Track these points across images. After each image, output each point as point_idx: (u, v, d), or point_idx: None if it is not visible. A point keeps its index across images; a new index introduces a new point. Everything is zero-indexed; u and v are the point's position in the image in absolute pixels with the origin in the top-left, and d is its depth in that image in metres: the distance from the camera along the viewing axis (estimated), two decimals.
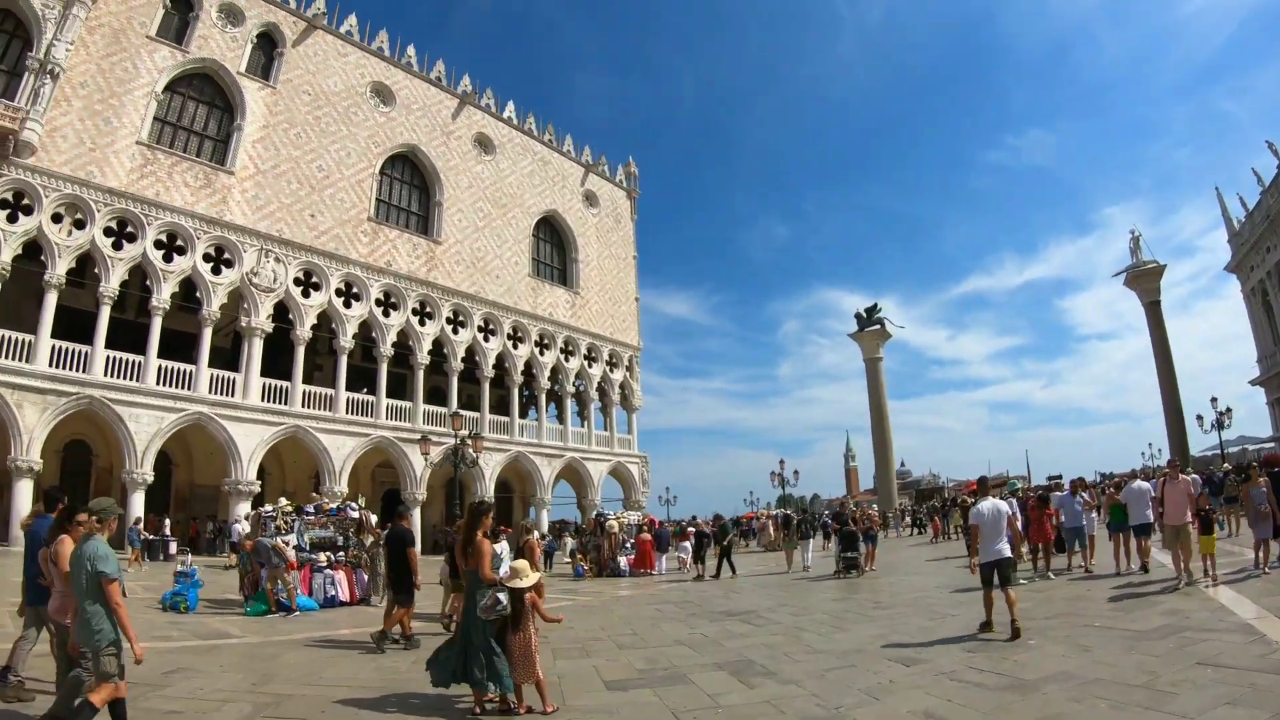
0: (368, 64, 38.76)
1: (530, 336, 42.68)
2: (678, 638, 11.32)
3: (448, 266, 39.62)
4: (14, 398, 26.72)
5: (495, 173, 43.07)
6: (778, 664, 8.83)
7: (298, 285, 34.41)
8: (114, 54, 31.23)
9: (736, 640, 10.74)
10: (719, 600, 16.68)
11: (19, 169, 28.26)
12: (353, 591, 17.10)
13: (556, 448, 43.94)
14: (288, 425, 33.06)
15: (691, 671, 8.63)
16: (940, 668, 8.05)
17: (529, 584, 7.17)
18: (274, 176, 34.43)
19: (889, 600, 14.87)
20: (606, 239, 49.21)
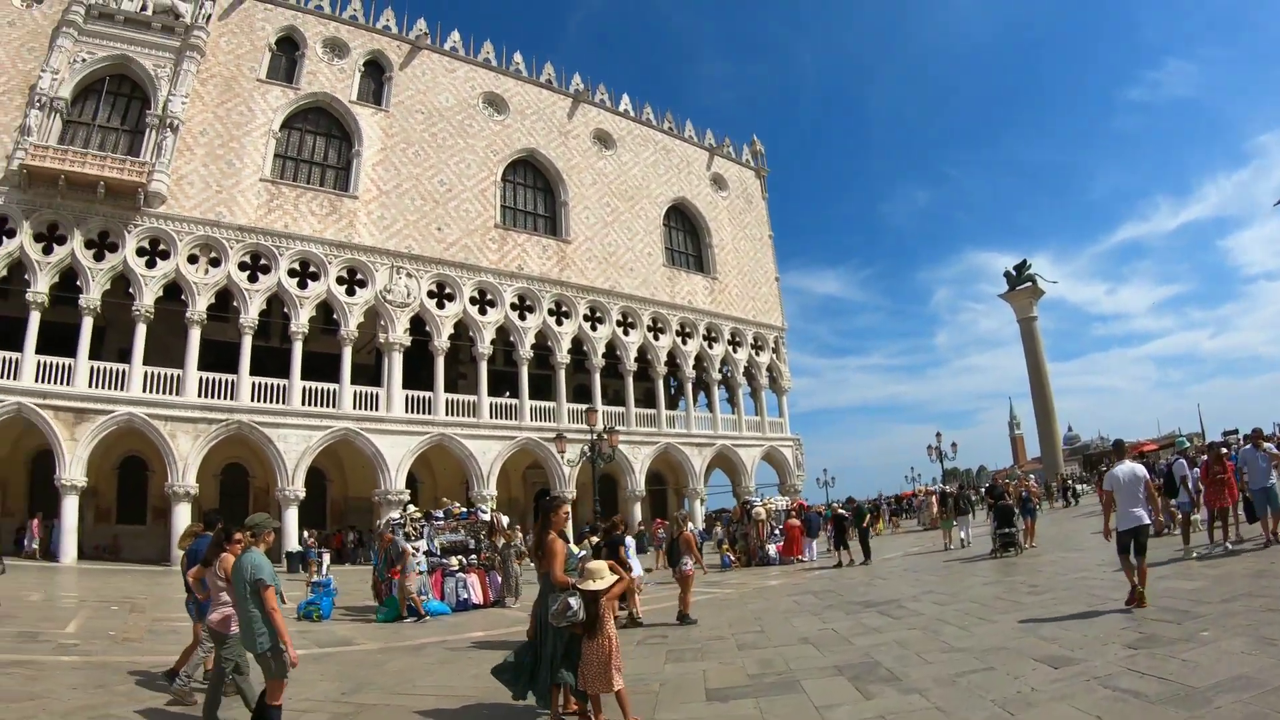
0: (476, 76, 38.74)
1: (671, 326, 40.97)
2: (805, 634, 10.45)
3: (580, 264, 38.59)
4: (167, 428, 28.14)
5: (618, 166, 41.87)
6: (905, 667, 7.79)
7: (431, 298, 34.43)
8: (228, 100, 32.67)
9: (867, 637, 9.79)
10: (861, 589, 15.58)
11: (152, 218, 29.99)
12: (486, 594, 17.14)
13: (706, 436, 41.77)
14: (433, 434, 33.06)
15: (807, 677, 7.85)
16: (1093, 670, 6.78)
17: (603, 586, 6.43)
18: (397, 196, 34.71)
19: (1045, 583, 13.18)
20: (739, 221, 46.88)
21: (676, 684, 8.11)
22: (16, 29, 30.73)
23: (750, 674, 8.29)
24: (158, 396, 28.42)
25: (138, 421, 27.96)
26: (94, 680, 9.22)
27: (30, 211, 28.63)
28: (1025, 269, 52.68)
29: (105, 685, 8.95)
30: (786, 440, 44.71)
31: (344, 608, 16.72)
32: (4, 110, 29.46)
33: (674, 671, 8.82)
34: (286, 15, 35.11)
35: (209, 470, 29.95)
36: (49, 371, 27.37)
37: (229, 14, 33.88)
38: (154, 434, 28.10)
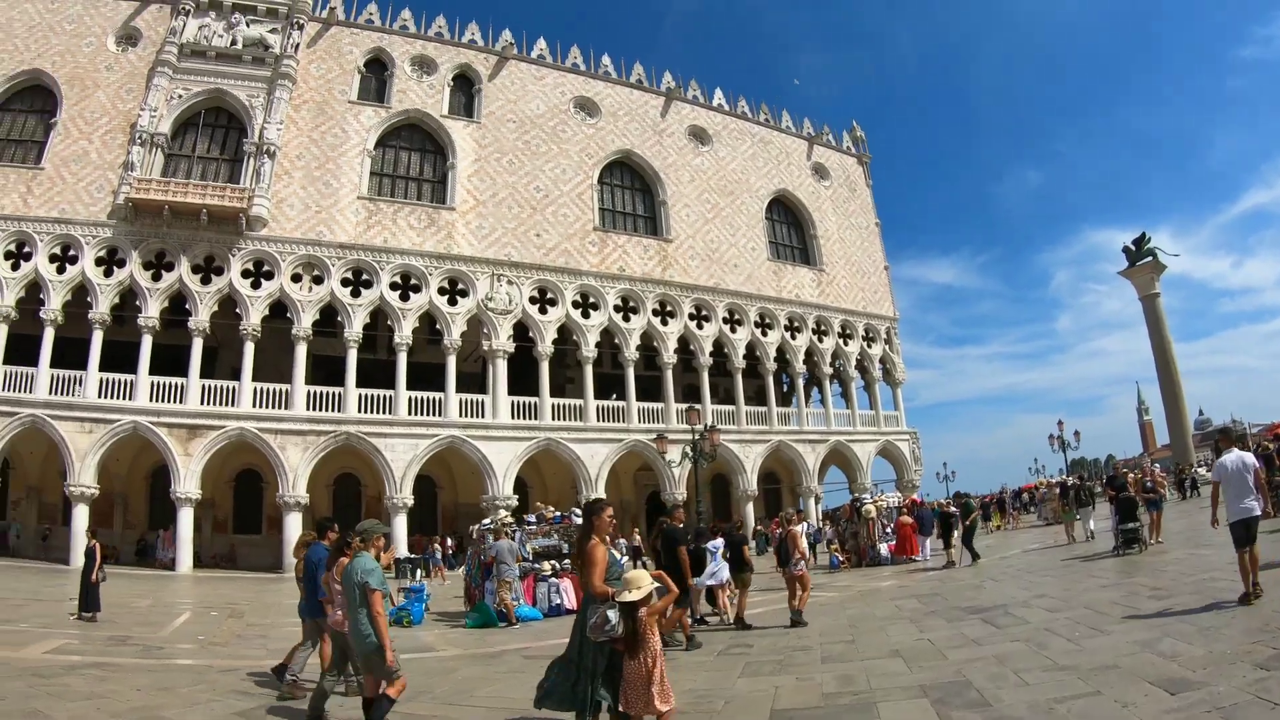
0: (565, 81, 38.18)
1: (779, 321, 39.00)
2: (897, 646, 9.56)
3: (682, 263, 37.20)
4: (277, 441, 28.66)
5: (715, 162, 40.42)
6: (999, 688, 6.82)
7: (533, 303, 33.77)
8: (322, 124, 33.20)
9: (964, 650, 8.84)
10: (969, 592, 14.55)
11: (255, 241, 30.59)
12: (579, 599, 15.07)
13: (819, 433, 39.40)
14: (539, 439, 32.34)
15: (886, 698, 6.99)
16: (1216, 697, 5.67)
17: (639, 597, 5.74)
18: (494, 205, 34.30)
19: (1169, 585, 11.78)
20: (843, 210, 44.62)
21: (743, 703, 7.46)
22: (114, 72, 32.16)
23: (826, 693, 7.51)
24: (267, 411, 29.06)
25: (249, 436, 28.57)
26: (161, 682, 9.33)
27: (139, 242, 29.61)
28: (1145, 243, 48.25)
29: (170, 688, 9.03)
30: (902, 434, 41.91)
31: (438, 613, 16.97)
32: (108, 148, 30.71)
33: (744, 688, 8.16)
34: (373, 38, 35.49)
35: (321, 480, 30.86)
36: (163, 391, 28.34)
37: (316, 41, 34.50)
38: (264, 447, 28.69)
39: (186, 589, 22.85)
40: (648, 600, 5.75)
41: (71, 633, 12.94)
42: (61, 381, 27.76)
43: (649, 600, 5.76)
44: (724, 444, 34.24)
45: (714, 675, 8.97)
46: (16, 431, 26.97)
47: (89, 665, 10.06)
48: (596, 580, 6.05)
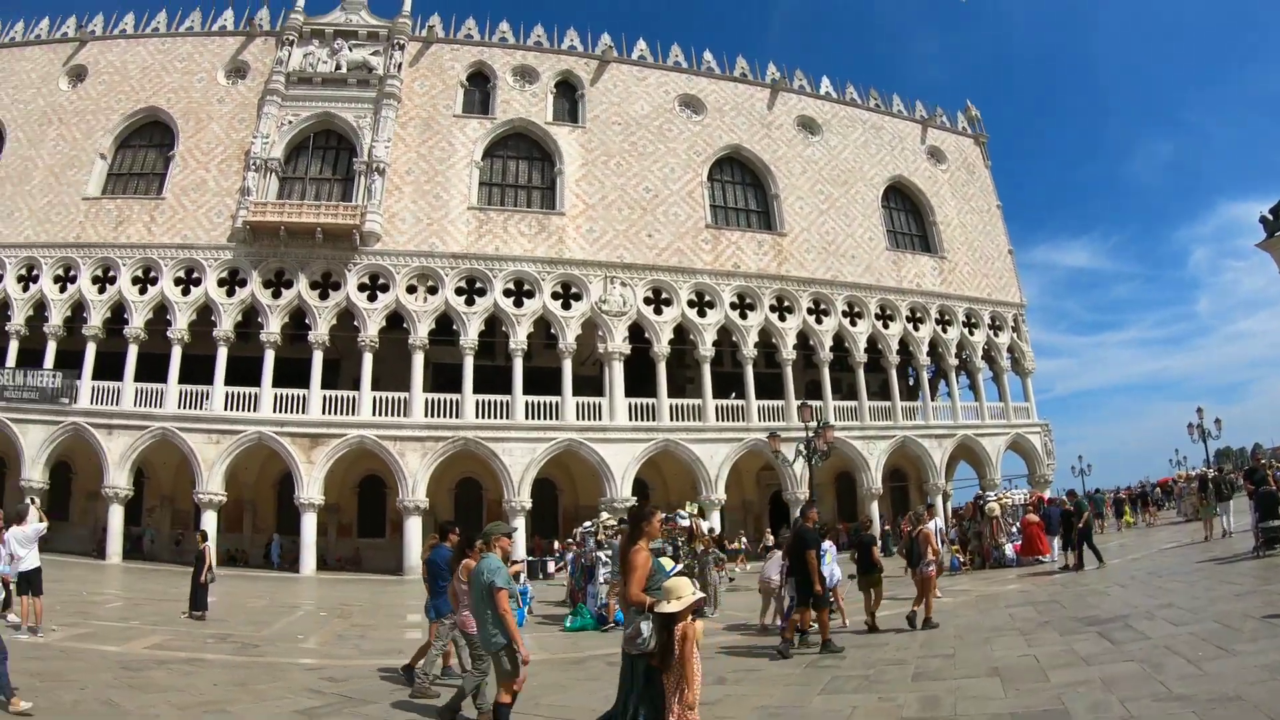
0: (668, 80, 37.58)
1: (900, 312, 37.03)
2: (999, 662, 8.86)
3: (798, 257, 35.85)
4: (396, 448, 29.16)
5: (827, 152, 39.00)
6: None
7: (648, 304, 33.07)
8: (429, 139, 33.67)
9: (1070, 670, 7.98)
10: (1092, 599, 13.52)
11: (370, 255, 31.16)
12: None
13: (946, 427, 37.22)
14: (657, 441, 31.64)
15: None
16: None
17: (680, 607, 5.27)
18: (604, 207, 33.89)
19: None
20: (962, 193, 42.37)
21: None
22: (226, 104, 33.51)
23: (904, 717, 6.98)
24: (386, 419, 29.72)
25: (369, 443, 29.23)
26: (240, 679, 9.52)
27: (258, 262, 30.58)
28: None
29: (245, 684, 9.23)
30: (1033, 426, 39.12)
31: (543, 615, 17.14)
32: (225, 176, 31.92)
33: (820, 707, 7.70)
34: (473, 52, 35.83)
35: (444, 485, 31.62)
36: (285, 402, 29.31)
37: (418, 60, 35.10)
38: (384, 454, 29.29)
39: (304, 590, 23.78)
40: (688, 613, 5.30)
41: (179, 630, 13.40)
42: (189, 396, 29.21)
43: (689, 613, 5.31)
44: (847, 441, 33.51)
45: (793, 691, 8.50)
46: (148, 444, 28.78)
47: (180, 660, 10.50)
48: (634, 588, 5.71)
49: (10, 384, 29.02)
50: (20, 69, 35.54)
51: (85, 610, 15.20)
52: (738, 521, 35.49)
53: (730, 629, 13.95)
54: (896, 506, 37.54)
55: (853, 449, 33.99)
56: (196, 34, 35.47)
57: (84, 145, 33.20)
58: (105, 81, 34.65)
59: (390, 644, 13.00)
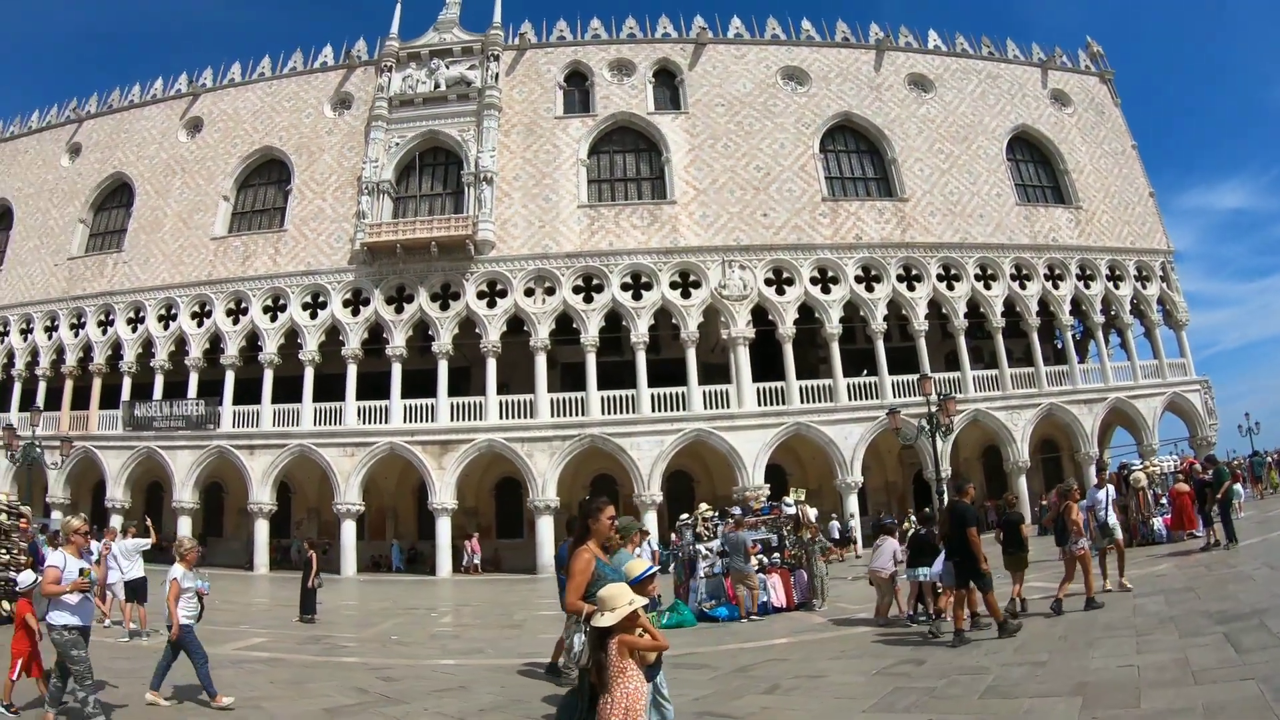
0: (768, 55, 37.11)
1: (1037, 271, 35.05)
2: (1091, 675, 7.71)
3: (923, 222, 34.65)
4: (524, 449, 30.10)
5: (942, 108, 37.64)
6: None
7: (769, 285, 32.56)
8: (533, 144, 34.42)
9: (1170, 690, 6.74)
10: (1230, 587, 11.82)
11: (485, 263, 32.17)
12: (789, 596, 15.67)
13: (1095, 391, 34.71)
14: (787, 425, 31.08)
15: None
16: None
17: (612, 621, 4.63)
18: (715, 191, 33.70)
19: None
20: (1092, 136, 39.95)
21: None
22: (335, 135, 35.32)
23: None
24: (512, 421, 30.69)
25: (497, 446, 30.28)
26: (300, 677, 10.01)
27: (379, 280, 32.01)
28: None
29: (300, 683, 9.66)
30: (1191, 384, 36.29)
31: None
32: (340, 202, 33.52)
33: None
34: (568, 53, 36.36)
35: (580, 481, 31.89)
36: (415, 412, 30.76)
37: (514, 68, 35.97)
38: (513, 455, 30.19)
39: (434, 593, 24.84)
40: (629, 625, 4.69)
41: (282, 633, 14.16)
42: (323, 413, 31.13)
43: (631, 625, 4.70)
44: (989, 413, 32.56)
45: (837, 706, 7.81)
46: (288, 461, 31.29)
47: (260, 660, 11.12)
48: (571, 595, 5.18)
49: (159, 415, 32.09)
50: (141, 128, 38.46)
51: (206, 616, 15.96)
52: (881, 504, 34.61)
53: (840, 623, 13.36)
54: (1049, 480, 35.49)
55: (995, 421, 32.59)
56: (300, 73, 37.48)
57: (207, 190, 35.56)
58: (220, 129, 36.98)
59: (474, 643, 13.42)
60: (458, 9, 36.67)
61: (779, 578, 15.59)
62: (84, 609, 7.53)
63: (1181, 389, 35.95)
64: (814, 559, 16.08)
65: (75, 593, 7.38)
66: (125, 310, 34.30)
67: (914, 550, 12.58)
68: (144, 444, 32.25)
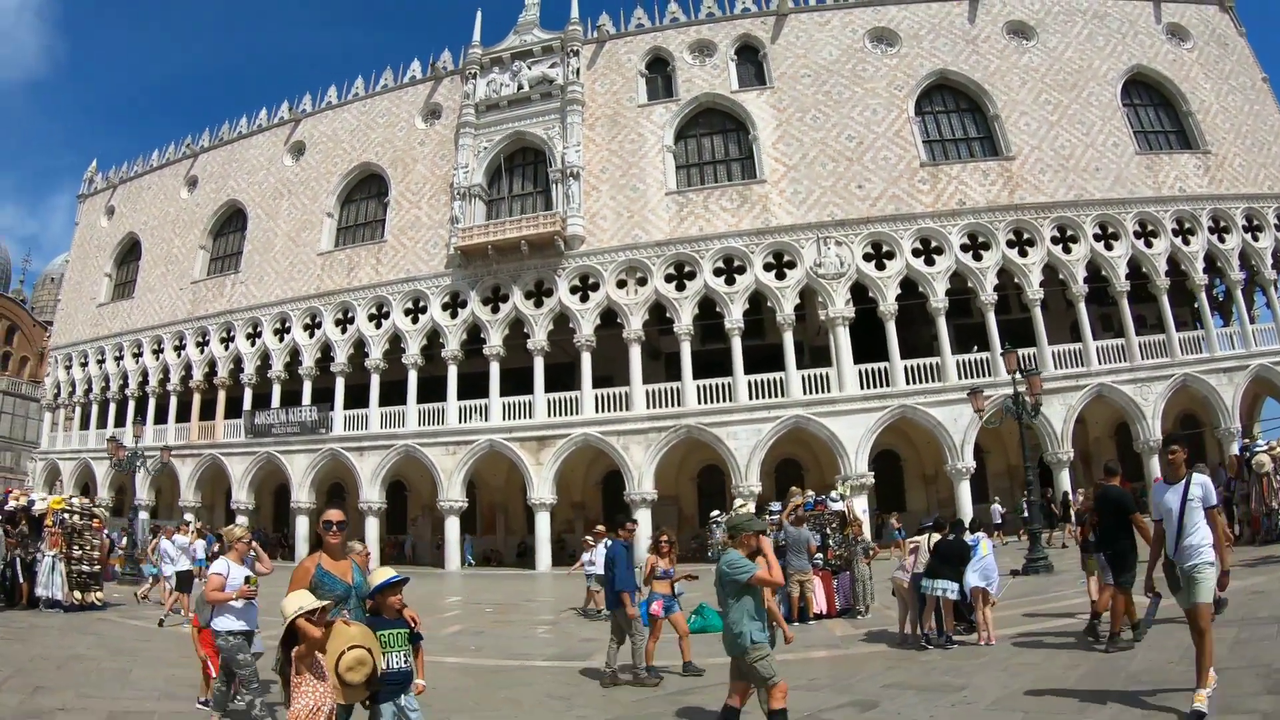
0: (853, 18, 37.10)
1: (1164, 226, 33.40)
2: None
3: (1033, 180, 33.88)
4: (620, 442, 31.35)
5: (1046, 55, 36.64)
6: None
7: (868, 260, 32.54)
8: (617, 135, 35.71)
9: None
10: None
11: (576, 258, 33.69)
12: (831, 601, 15.25)
13: (1235, 358, 32.55)
14: (891, 408, 30.87)
15: None
16: None
17: (295, 614, 4.80)
18: (805, 166, 34.02)
19: None
20: (1216, 71, 37.88)
21: None
22: (427, 145, 37.83)
23: None
24: (608, 414, 31.98)
25: (592, 439, 31.74)
26: None
27: (474, 282, 34.16)
28: None
29: None
30: None
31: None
32: (435, 209, 35.86)
33: None
34: (647, 40, 37.44)
35: (686, 474, 34.63)
36: (513, 409, 32.89)
37: (595, 61, 37.31)
38: (609, 449, 31.65)
39: (518, 587, 26.24)
40: (310, 636, 4.68)
41: None
42: (426, 414, 33.76)
43: (311, 638, 4.67)
44: (1114, 386, 31.36)
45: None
46: (394, 461, 34.10)
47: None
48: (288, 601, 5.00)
49: (277, 422, 35.76)
50: (251, 156, 42.38)
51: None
52: (1003, 489, 34.11)
53: (873, 637, 12.31)
54: (1194, 459, 33.41)
55: (1122, 395, 31.43)
56: (391, 89, 40.28)
57: (312, 209, 38.69)
58: (321, 150, 40.20)
59: (502, 639, 14.13)
60: (537, 10, 38.36)
61: (820, 580, 15.08)
62: (248, 614, 7.89)
63: None
64: (856, 559, 15.42)
65: (241, 599, 7.79)
66: (244, 326, 38.12)
67: (937, 559, 11.11)
68: (264, 449, 35.83)
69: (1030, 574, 18.02)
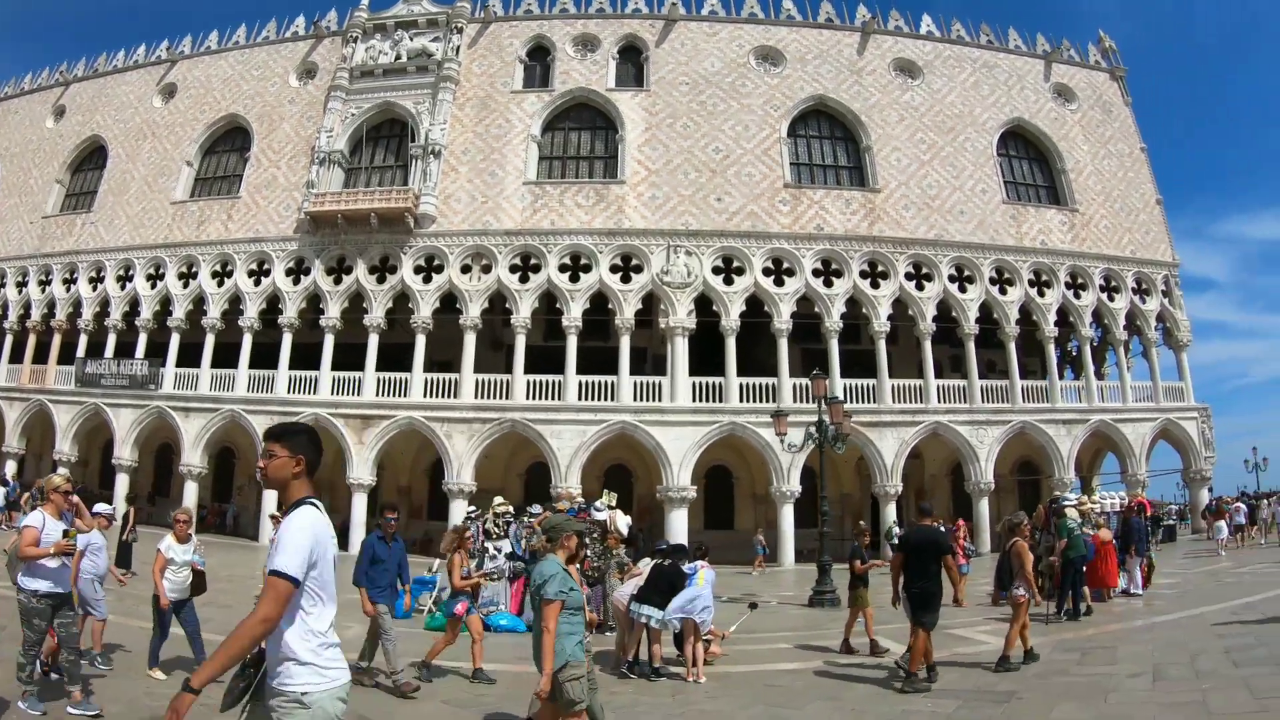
0: (742, 33, 38.46)
1: (1020, 275, 35.37)
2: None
3: (894, 215, 35.53)
4: (444, 430, 32.04)
5: (929, 96, 38.40)
6: None
7: (717, 274, 33.79)
8: (485, 118, 36.62)
9: None
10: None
11: (425, 237, 34.39)
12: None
13: (1076, 411, 34.84)
14: (722, 424, 32.09)
15: None
16: None
17: None
18: (668, 173, 35.27)
19: None
20: (1097, 135, 40.03)
21: None
22: (296, 104, 38.28)
23: None
24: (435, 400, 32.68)
25: (417, 424, 32.27)
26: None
27: (321, 251, 34.77)
28: None
29: None
30: (1188, 411, 36.01)
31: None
32: (293, 171, 36.26)
33: None
34: (533, 26, 38.47)
35: (514, 470, 35.31)
36: (342, 385, 33.42)
37: (477, 41, 38.24)
38: (431, 435, 32.18)
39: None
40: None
41: None
42: (257, 381, 34.23)
43: None
44: (951, 426, 33.16)
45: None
46: (220, 425, 34.35)
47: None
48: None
49: (108, 373, 35.83)
50: (121, 92, 42.31)
51: None
52: (836, 518, 34.27)
53: (598, 658, 10.35)
54: (1028, 505, 35.40)
55: (958, 435, 33.21)
56: (271, 42, 40.78)
57: (173, 155, 38.95)
58: (192, 95, 40.49)
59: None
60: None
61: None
62: (61, 575, 7.51)
63: (1176, 415, 35.82)
64: (608, 574, 14.89)
65: (57, 557, 7.42)
66: (88, 269, 38.02)
67: (648, 584, 11.08)
68: (92, 400, 35.74)
69: (816, 606, 18.68)
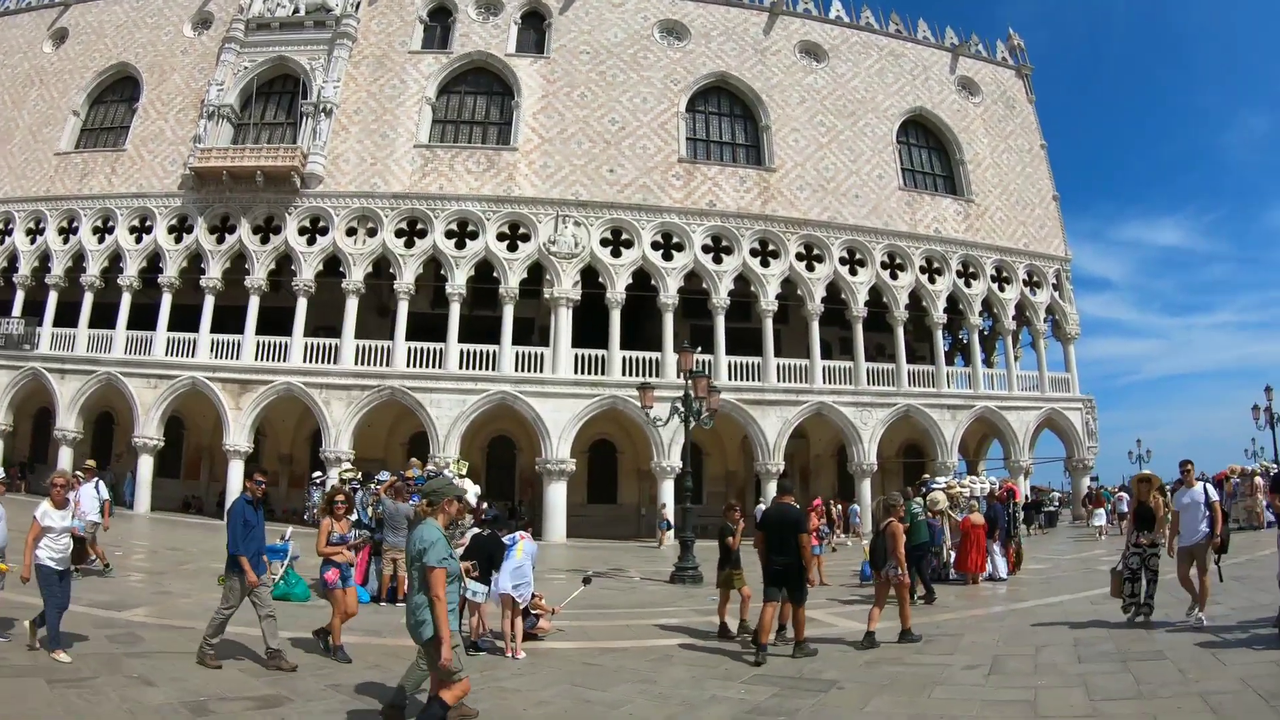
0: (648, 5, 38.90)
1: (912, 262, 36.68)
2: None
3: (788, 195, 36.44)
4: (323, 396, 32.26)
5: (832, 80, 39.26)
6: None
7: (605, 246, 34.46)
8: (380, 77, 36.75)
9: None
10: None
11: (311, 198, 34.48)
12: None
13: (961, 397, 36.52)
14: (603, 397, 32.81)
15: None
16: None
17: None
18: (561, 142, 35.75)
19: None
20: (998, 130, 41.50)
21: None
22: (189, 55, 37.89)
23: None
24: (315, 366, 32.75)
25: (295, 390, 32.26)
26: None
27: (205, 208, 34.60)
28: None
29: None
30: (1073, 401, 38.02)
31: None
32: (181, 125, 36.10)
33: None
34: None
35: (396, 440, 35.73)
36: (220, 348, 33.12)
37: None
38: (310, 401, 32.28)
39: (192, 536, 25.59)
40: None
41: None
42: (135, 342, 33.60)
43: None
44: (835, 407, 34.29)
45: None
46: (96, 388, 33.34)
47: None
48: None
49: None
50: (10, 35, 41.49)
51: None
52: (718, 494, 35.54)
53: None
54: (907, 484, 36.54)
55: (842, 416, 34.38)
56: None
57: (60, 104, 38.37)
58: (83, 41, 39.84)
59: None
60: None
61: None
62: None
63: (1062, 406, 37.86)
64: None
65: None
66: None
67: (466, 554, 10.47)
68: None
69: (677, 583, 18.92)
